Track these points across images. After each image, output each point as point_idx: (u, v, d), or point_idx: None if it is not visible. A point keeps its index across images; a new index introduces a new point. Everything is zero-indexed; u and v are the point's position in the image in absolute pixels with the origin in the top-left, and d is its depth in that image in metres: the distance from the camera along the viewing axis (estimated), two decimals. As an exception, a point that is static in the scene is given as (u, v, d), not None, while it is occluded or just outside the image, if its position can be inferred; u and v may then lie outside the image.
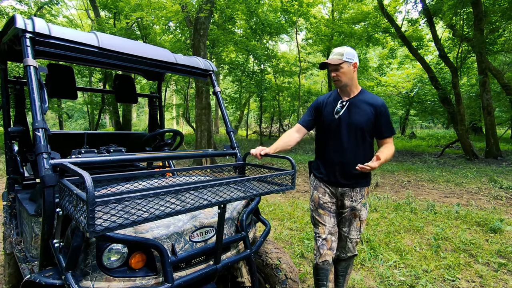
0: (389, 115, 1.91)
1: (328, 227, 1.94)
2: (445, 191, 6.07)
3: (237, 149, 2.08)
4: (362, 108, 1.88)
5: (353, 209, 1.93)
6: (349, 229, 1.97)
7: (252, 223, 1.87)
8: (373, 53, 24.40)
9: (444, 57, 10.65)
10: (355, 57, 1.88)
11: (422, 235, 3.46)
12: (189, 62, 2.15)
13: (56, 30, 1.54)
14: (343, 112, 1.91)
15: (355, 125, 1.87)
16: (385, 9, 12.65)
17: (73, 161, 1.30)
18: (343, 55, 1.83)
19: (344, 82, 1.89)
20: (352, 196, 1.93)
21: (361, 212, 1.94)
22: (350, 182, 1.92)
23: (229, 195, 1.29)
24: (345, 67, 1.84)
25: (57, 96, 2.42)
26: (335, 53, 1.88)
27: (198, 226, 1.42)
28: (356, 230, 1.97)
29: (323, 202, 1.97)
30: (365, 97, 1.92)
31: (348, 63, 1.84)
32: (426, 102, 16.82)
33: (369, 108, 1.87)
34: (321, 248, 1.93)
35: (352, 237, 1.97)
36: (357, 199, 1.93)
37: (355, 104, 1.90)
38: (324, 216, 1.96)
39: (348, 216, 1.95)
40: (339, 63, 1.83)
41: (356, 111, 1.88)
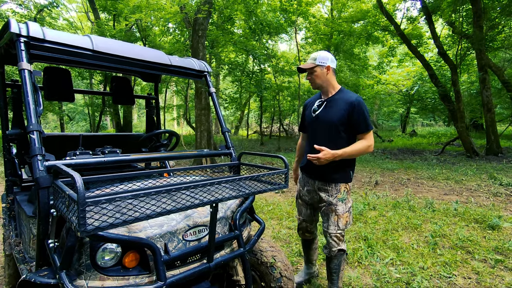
0: (364, 110, 1.95)
1: (303, 215, 2.27)
2: (445, 188, 6.07)
3: (232, 149, 2.10)
4: (337, 106, 1.99)
5: (329, 203, 2.03)
6: (327, 224, 2.05)
7: (247, 222, 1.89)
8: (373, 51, 24.37)
9: (444, 54, 10.63)
10: (329, 60, 2.01)
11: (420, 233, 3.47)
12: (183, 63, 2.17)
13: (50, 34, 1.56)
14: (320, 110, 2.07)
15: (329, 122, 2.00)
16: (384, 7, 12.64)
17: (67, 163, 1.33)
18: (316, 59, 2.00)
19: (318, 84, 2.05)
20: (328, 190, 2.04)
21: (337, 207, 2.02)
22: (323, 176, 2.05)
23: (221, 195, 1.31)
24: (318, 71, 2.01)
25: (54, 98, 2.45)
26: (310, 58, 2.05)
27: (192, 225, 1.44)
28: (334, 225, 2.02)
29: (302, 194, 2.25)
30: (342, 96, 2.03)
31: (320, 66, 2.00)
32: (426, 99, 16.80)
33: (344, 105, 1.97)
34: (299, 230, 2.37)
35: (331, 231, 2.03)
36: (333, 194, 2.03)
37: (332, 102, 2.04)
38: (301, 207, 2.29)
39: (326, 211, 2.06)
40: (313, 67, 2.00)
41: (331, 109, 2.01)
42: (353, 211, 4.17)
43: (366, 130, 1.96)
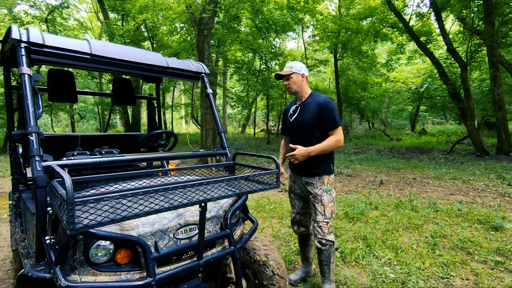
0: (332, 109, 2.17)
1: (296, 208, 2.42)
2: (451, 188, 5.99)
3: (227, 149, 2.14)
4: (309, 109, 2.23)
5: (315, 195, 2.23)
6: (315, 213, 2.24)
7: (240, 221, 1.93)
8: (381, 49, 23.99)
9: (453, 51, 10.42)
10: (303, 69, 2.28)
11: (420, 233, 3.45)
12: (180, 65, 2.22)
13: (49, 39, 1.63)
14: (296, 115, 2.31)
15: (303, 124, 2.24)
16: (393, 4, 12.43)
17: (63, 163, 1.39)
18: (292, 67, 2.25)
19: (294, 90, 2.28)
20: (313, 184, 2.25)
21: (322, 198, 2.21)
22: (308, 171, 2.26)
23: (210, 194, 1.36)
24: (294, 77, 2.24)
25: (57, 100, 2.54)
26: (286, 66, 2.29)
27: (183, 224, 1.49)
28: (321, 214, 2.21)
29: (293, 189, 2.43)
30: (313, 99, 2.26)
31: (296, 74, 2.24)
32: (436, 97, 16.47)
33: (315, 106, 2.20)
34: (293, 225, 2.47)
35: (319, 220, 2.21)
36: (318, 186, 2.23)
37: (305, 106, 2.27)
38: (294, 200, 2.44)
39: (313, 202, 2.25)
40: (289, 74, 2.24)
41: (305, 112, 2.25)
42: (355, 210, 4.17)
43: (334, 127, 2.17)
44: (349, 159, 10.30)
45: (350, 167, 8.57)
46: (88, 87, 24.56)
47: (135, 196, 1.11)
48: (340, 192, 5.77)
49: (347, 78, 20.56)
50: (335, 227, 3.64)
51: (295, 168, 2.36)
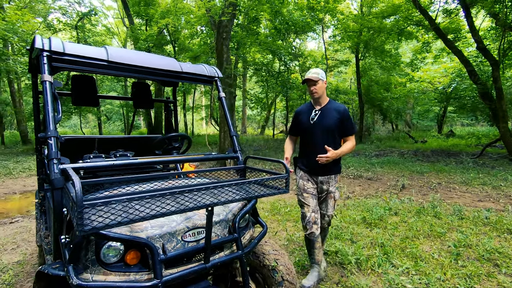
0: (351, 118, 2.49)
1: (312, 207, 2.49)
2: (480, 194, 5.66)
3: (238, 153, 2.15)
4: (330, 114, 2.45)
5: (329, 192, 2.53)
6: (326, 207, 2.58)
7: (250, 224, 1.93)
8: (406, 48, 23.15)
9: (483, 49, 9.85)
10: (325, 77, 2.51)
11: (443, 242, 3.29)
12: (194, 69, 2.26)
13: (69, 47, 1.72)
14: (317, 118, 2.49)
15: (326, 127, 2.44)
16: (418, 1, 11.97)
17: (78, 166, 1.46)
18: (319, 74, 2.44)
19: (319, 95, 2.47)
20: (329, 182, 2.52)
21: (335, 194, 2.56)
22: (325, 171, 2.49)
23: (217, 198, 1.37)
24: (320, 83, 2.45)
25: (80, 104, 2.67)
26: (313, 72, 2.46)
27: (191, 227, 1.52)
28: (332, 207, 2.59)
29: (307, 188, 2.52)
30: (332, 106, 2.51)
31: (322, 80, 2.45)
32: (465, 98, 15.63)
33: (336, 113, 2.45)
34: (308, 225, 2.48)
35: (329, 213, 2.59)
36: (333, 184, 2.54)
37: (325, 111, 2.48)
38: (308, 199, 2.50)
39: (326, 198, 2.56)
40: (317, 80, 2.43)
41: (326, 117, 2.45)
42: (373, 216, 4.05)
43: (352, 133, 2.50)
44: (369, 162, 10.01)
45: (371, 170, 8.33)
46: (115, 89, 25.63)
47: (142, 199, 1.15)
48: (359, 196, 5.62)
49: (369, 78, 20.01)
50: (351, 232, 3.55)
51: (311, 169, 2.52)
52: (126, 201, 1.10)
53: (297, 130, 2.66)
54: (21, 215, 4.88)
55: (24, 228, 4.18)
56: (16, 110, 17.13)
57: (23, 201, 5.93)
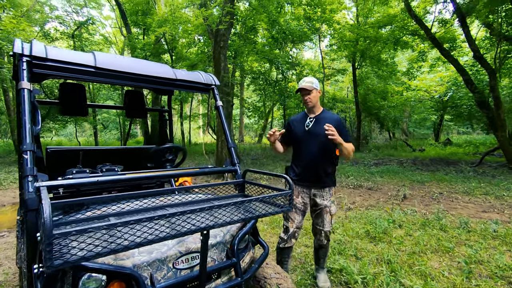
0: (345, 126, 2.47)
1: (296, 223, 2.43)
2: (483, 205, 5.52)
3: (237, 166, 2.00)
4: (326, 122, 2.32)
5: (325, 206, 2.42)
6: (322, 223, 2.45)
7: (250, 245, 1.77)
8: (401, 57, 23.38)
9: (480, 58, 9.89)
10: (319, 85, 2.48)
11: (452, 257, 3.12)
12: (189, 77, 2.13)
13: (53, 53, 1.57)
14: (312, 125, 2.43)
15: (321, 135, 2.33)
16: (413, 11, 12.07)
17: (56, 184, 1.29)
18: (313, 83, 2.40)
19: (313, 104, 2.44)
20: (323, 195, 2.42)
21: (331, 208, 2.44)
22: (319, 181, 2.40)
23: (213, 220, 1.21)
24: (314, 93, 2.41)
25: (68, 113, 2.51)
26: (306, 81, 2.40)
27: (184, 252, 1.35)
28: (329, 223, 2.46)
29: (295, 203, 2.44)
30: (326, 115, 2.48)
31: (315, 90, 2.42)
32: (461, 106, 15.69)
33: (332, 121, 2.36)
34: (289, 239, 2.43)
35: (326, 229, 2.46)
36: (327, 198, 2.43)
37: (320, 120, 2.43)
38: (294, 214, 2.44)
39: (321, 212, 2.43)
40: (311, 89, 2.38)
41: (322, 125, 2.33)
42: (377, 229, 3.88)
43: (349, 140, 2.37)
44: (369, 171, 9.88)
45: (371, 180, 8.19)
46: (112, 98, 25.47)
47: (126, 225, 0.99)
48: (360, 207, 5.45)
49: (366, 87, 20.09)
50: (355, 247, 3.37)
51: (303, 180, 2.44)
52: (107, 228, 0.94)
53: (289, 139, 2.57)
54: (8, 229, 4.64)
55: (9, 244, 3.95)
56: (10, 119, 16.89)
57: (11, 214, 5.68)
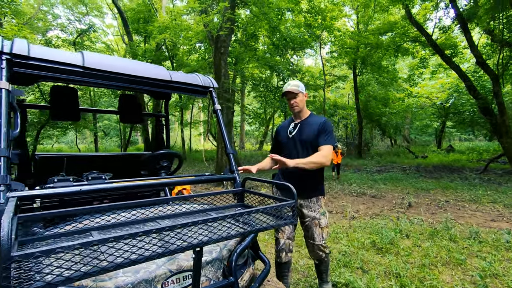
0: (330, 129, 2.21)
1: (287, 233, 2.26)
2: (491, 213, 5.34)
3: (236, 173, 1.86)
4: (310, 127, 2.23)
5: (313, 218, 2.22)
6: (313, 236, 2.25)
7: (249, 261, 1.61)
8: (402, 64, 23.40)
9: (483, 64, 9.80)
10: (304, 89, 2.32)
11: (464, 271, 2.94)
12: (186, 79, 2.01)
13: (36, 51, 1.45)
14: (295, 132, 2.28)
15: (305, 141, 2.22)
16: (414, 18, 12.07)
17: (31, 194, 1.16)
18: (299, 86, 2.25)
19: (299, 108, 2.27)
20: (310, 206, 2.23)
21: (320, 221, 2.23)
22: (305, 191, 2.21)
23: (207, 236, 1.07)
24: (301, 96, 2.26)
25: (60, 118, 2.39)
26: (292, 84, 2.25)
27: (175, 271, 1.20)
28: (319, 236, 2.24)
29: None
30: (312, 119, 2.29)
31: (302, 93, 2.27)
32: (464, 113, 15.56)
33: (315, 126, 2.22)
34: (281, 252, 2.24)
35: (317, 242, 2.24)
36: (315, 209, 2.23)
37: (305, 124, 2.27)
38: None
39: (310, 225, 2.23)
40: (297, 93, 2.24)
41: (305, 130, 2.24)
42: (383, 240, 3.71)
43: (325, 143, 2.16)
44: (372, 178, 9.71)
45: (374, 187, 8.01)
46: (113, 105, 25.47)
47: (104, 243, 0.84)
48: (364, 215, 5.28)
49: (367, 93, 20.04)
50: (361, 259, 3.20)
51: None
52: (80, 247, 0.80)
53: (278, 148, 2.41)
54: None
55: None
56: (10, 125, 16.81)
57: None
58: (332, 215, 5.37)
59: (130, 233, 0.89)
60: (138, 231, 0.91)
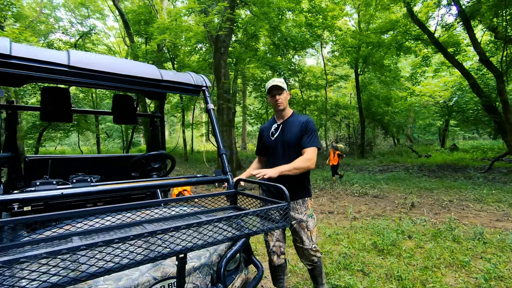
0: (314, 129, 2.14)
1: (276, 236, 2.19)
2: (496, 213, 5.23)
3: (229, 175, 1.80)
4: (292, 128, 2.16)
5: (300, 221, 2.14)
6: (301, 239, 2.15)
7: (241, 265, 1.55)
8: (405, 62, 23.22)
9: (486, 61, 9.67)
10: (287, 88, 2.25)
11: (468, 273, 2.86)
12: (177, 78, 1.95)
13: (18, 50, 1.41)
14: (278, 133, 2.21)
15: (288, 142, 2.14)
16: (416, 16, 11.95)
17: (11, 198, 1.11)
18: (283, 83, 2.18)
19: (284, 106, 2.20)
20: (297, 208, 2.14)
21: (308, 223, 2.14)
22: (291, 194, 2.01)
23: (191, 241, 1.01)
24: (285, 94, 2.19)
25: (50, 119, 2.35)
26: (277, 81, 2.16)
27: (160, 278, 1.14)
28: (309, 239, 2.15)
29: None
30: (294, 119, 2.21)
31: (286, 91, 2.20)
32: (467, 111, 15.38)
33: (298, 125, 2.15)
34: (272, 255, 2.18)
35: (306, 246, 2.15)
36: (302, 211, 2.14)
37: (287, 125, 2.20)
38: None
39: (298, 228, 2.14)
40: (283, 89, 2.16)
41: (288, 131, 2.16)
42: (384, 241, 3.63)
43: (310, 145, 2.09)
44: (374, 178, 9.60)
45: (376, 187, 7.91)
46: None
47: (74, 251, 0.79)
48: (366, 216, 5.19)
49: (369, 93, 19.90)
50: (362, 261, 3.12)
51: (274, 192, 2.17)
52: (47, 257, 0.74)
53: (262, 149, 2.35)
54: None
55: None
56: (14, 128, 16.91)
57: None
58: (333, 216, 5.29)
59: (104, 240, 0.83)
60: (114, 238, 0.85)
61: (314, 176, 10.04)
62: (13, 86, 2.12)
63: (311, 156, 2.06)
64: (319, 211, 5.70)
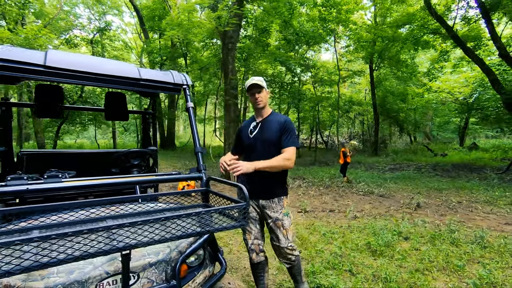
0: (293, 129, 2.17)
1: (254, 233, 2.21)
2: (507, 216, 5.01)
3: (203, 173, 1.83)
4: (271, 126, 2.17)
5: (276, 219, 2.14)
6: (277, 239, 2.16)
7: (206, 262, 1.58)
8: (423, 57, 22.36)
9: (506, 56, 9.18)
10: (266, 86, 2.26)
11: (461, 277, 2.77)
12: (156, 76, 1.99)
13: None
14: (256, 131, 2.20)
15: (267, 141, 2.14)
16: (434, 8, 11.46)
17: None
18: (263, 82, 2.19)
19: (263, 104, 2.20)
20: (272, 207, 2.14)
21: (284, 222, 2.14)
22: (266, 192, 2.15)
23: (136, 239, 1.04)
24: (264, 92, 2.20)
25: (43, 116, 2.45)
26: (256, 79, 2.17)
27: (112, 272, 1.19)
28: (284, 237, 2.15)
29: (250, 211, 2.19)
30: (274, 117, 2.23)
31: (265, 89, 2.21)
32: (487, 108, 14.68)
33: (277, 124, 2.16)
34: (251, 252, 2.20)
35: (282, 244, 2.15)
36: (278, 210, 2.14)
37: (266, 123, 2.20)
38: (250, 225, 2.20)
39: (273, 227, 2.15)
40: (262, 87, 2.17)
41: (266, 129, 2.17)
42: (379, 241, 3.57)
43: (289, 145, 2.10)
44: (382, 176, 9.40)
45: (383, 186, 7.75)
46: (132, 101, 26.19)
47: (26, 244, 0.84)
48: (367, 216, 5.11)
49: (384, 89, 19.36)
50: (351, 262, 3.09)
51: (252, 190, 2.06)
52: None
53: (241, 147, 2.33)
54: None
55: None
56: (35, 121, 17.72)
57: None
58: (334, 215, 5.24)
59: (40, 235, 0.88)
60: (52, 234, 0.90)
61: (321, 174, 9.95)
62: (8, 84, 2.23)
63: (290, 155, 2.07)
64: (320, 209, 5.66)
